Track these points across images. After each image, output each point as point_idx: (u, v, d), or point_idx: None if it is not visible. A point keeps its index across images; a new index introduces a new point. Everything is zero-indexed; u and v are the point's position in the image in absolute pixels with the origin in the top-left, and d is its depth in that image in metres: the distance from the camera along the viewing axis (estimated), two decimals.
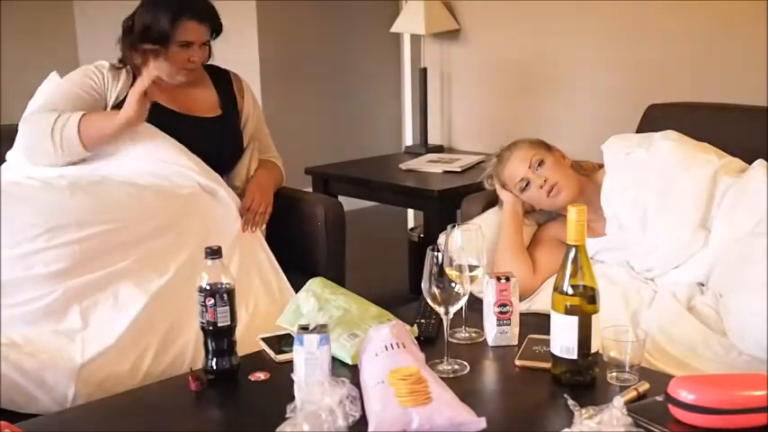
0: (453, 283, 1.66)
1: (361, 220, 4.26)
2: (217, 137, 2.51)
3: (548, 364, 1.67)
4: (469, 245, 1.76)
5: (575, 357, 1.61)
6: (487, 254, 2.02)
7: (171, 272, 2.14)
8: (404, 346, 1.58)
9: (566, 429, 1.39)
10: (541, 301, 2.21)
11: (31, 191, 2.20)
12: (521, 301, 2.01)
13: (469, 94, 4.01)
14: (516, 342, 1.84)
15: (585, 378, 1.63)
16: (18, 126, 2.34)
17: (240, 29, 4.59)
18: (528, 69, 3.76)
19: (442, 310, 1.68)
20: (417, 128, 4.11)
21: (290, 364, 1.63)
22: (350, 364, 1.72)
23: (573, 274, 1.61)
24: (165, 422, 1.58)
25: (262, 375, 1.72)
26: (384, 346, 1.57)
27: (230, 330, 1.71)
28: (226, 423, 1.63)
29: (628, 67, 3.41)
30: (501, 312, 1.83)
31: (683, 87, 3.19)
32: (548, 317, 1.65)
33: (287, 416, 1.40)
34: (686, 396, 1.43)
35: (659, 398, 1.49)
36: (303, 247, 2.58)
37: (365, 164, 3.85)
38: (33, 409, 1.87)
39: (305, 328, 1.58)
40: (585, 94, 3.57)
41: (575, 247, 1.61)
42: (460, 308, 1.72)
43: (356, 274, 2.90)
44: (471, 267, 1.73)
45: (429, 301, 1.68)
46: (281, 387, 1.58)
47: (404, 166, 3.60)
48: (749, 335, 1.90)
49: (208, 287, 1.69)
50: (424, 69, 3.96)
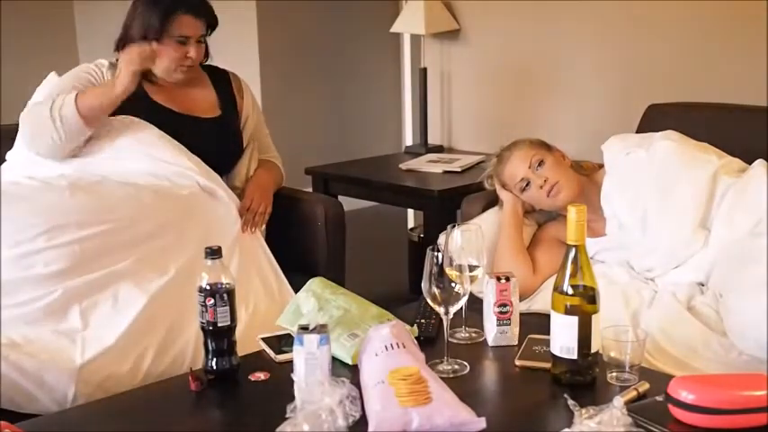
0: (453, 283, 1.66)
1: (361, 220, 4.25)
2: (216, 137, 2.50)
3: (548, 364, 1.67)
4: (469, 245, 1.76)
5: (575, 357, 1.61)
6: (487, 254, 2.01)
7: (171, 272, 2.14)
8: (404, 346, 1.58)
9: (566, 429, 1.39)
10: (541, 301, 2.21)
11: (30, 191, 2.20)
12: (521, 301, 2.01)
13: (469, 94, 4.01)
14: (516, 342, 1.84)
15: (585, 378, 1.63)
16: (18, 126, 2.34)
17: (240, 29, 4.59)
18: (528, 69, 3.76)
19: (442, 310, 1.68)
20: (417, 128, 4.10)
21: (290, 364, 1.62)
22: (350, 364, 1.72)
23: (573, 274, 1.61)
24: (165, 422, 1.58)
25: (262, 375, 1.72)
26: (384, 346, 1.57)
27: (230, 330, 1.71)
28: (226, 423, 1.63)
29: (628, 67, 3.41)
30: (501, 312, 1.83)
31: (683, 87, 3.18)
32: (548, 317, 1.65)
33: (287, 416, 1.40)
34: (686, 396, 1.43)
35: (659, 398, 1.49)
36: (303, 247, 2.57)
37: (365, 164, 3.85)
38: (33, 409, 1.87)
39: (305, 328, 1.58)
40: (585, 94, 3.57)
41: (575, 247, 1.61)
42: (460, 308, 1.72)
43: (356, 274, 2.90)
44: (471, 267, 1.73)
45: (429, 301, 1.68)
46: (281, 387, 1.58)
47: (404, 166, 3.60)
48: (749, 335, 1.90)
49: (208, 287, 1.69)
50: (424, 69, 3.96)
